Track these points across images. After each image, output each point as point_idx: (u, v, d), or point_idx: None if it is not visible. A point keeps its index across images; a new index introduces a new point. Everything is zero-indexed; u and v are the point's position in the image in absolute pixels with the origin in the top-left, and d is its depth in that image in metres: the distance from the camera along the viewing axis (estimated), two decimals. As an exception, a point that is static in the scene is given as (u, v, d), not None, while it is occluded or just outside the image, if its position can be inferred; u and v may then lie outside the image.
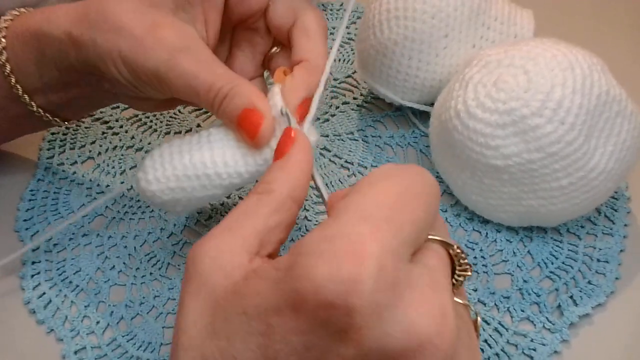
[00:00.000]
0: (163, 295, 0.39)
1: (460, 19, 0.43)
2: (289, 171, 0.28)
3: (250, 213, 0.27)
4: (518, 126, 0.36)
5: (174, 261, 0.41)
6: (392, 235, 0.22)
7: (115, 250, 0.41)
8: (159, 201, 0.35)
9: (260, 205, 0.27)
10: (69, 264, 0.41)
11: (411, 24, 0.43)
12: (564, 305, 0.37)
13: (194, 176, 0.34)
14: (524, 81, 0.37)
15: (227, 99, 0.33)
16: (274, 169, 0.29)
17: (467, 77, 0.39)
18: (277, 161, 0.29)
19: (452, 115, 0.39)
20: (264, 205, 0.27)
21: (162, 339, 0.37)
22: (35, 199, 0.44)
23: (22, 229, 0.43)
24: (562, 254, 0.40)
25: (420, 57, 0.44)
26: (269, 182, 0.28)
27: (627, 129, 0.38)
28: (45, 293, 0.39)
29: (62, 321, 0.38)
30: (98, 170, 0.46)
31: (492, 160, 0.38)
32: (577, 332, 0.37)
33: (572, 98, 0.36)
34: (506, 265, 0.39)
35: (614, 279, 0.38)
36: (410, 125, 0.48)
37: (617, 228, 0.41)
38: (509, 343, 0.36)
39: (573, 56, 0.37)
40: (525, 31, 0.46)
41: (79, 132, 0.49)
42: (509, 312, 0.37)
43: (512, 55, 0.38)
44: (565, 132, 0.36)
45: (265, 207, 0.27)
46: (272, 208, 0.27)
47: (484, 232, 0.41)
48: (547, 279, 0.39)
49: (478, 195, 0.40)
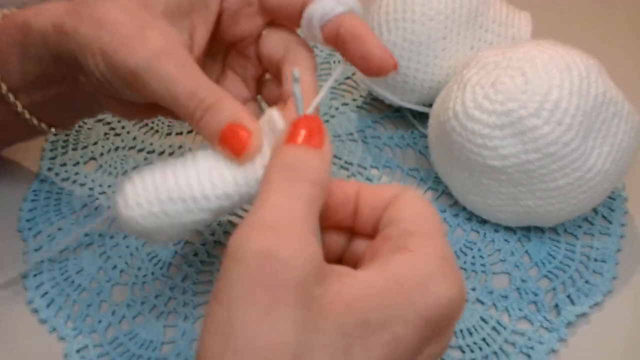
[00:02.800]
0: (164, 294, 0.39)
1: (458, 21, 0.44)
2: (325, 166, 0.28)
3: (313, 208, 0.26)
4: (516, 127, 0.37)
5: (175, 261, 0.41)
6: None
7: (117, 249, 0.42)
8: (139, 227, 0.32)
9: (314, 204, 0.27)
10: (71, 264, 0.41)
11: (410, 26, 0.43)
12: (561, 305, 0.38)
13: (179, 199, 0.31)
14: (521, 83, 0.37)
15: (210, 111, 0.31)
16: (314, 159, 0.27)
17: (466, 79, 0.39)
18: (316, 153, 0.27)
19: (451, 116, 0.39)
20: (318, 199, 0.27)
21: (163, 337, 0.37)
22: (38, 199, 0.45)
23: (25, 229, 0.43)
24: (560, 254, 0.40)
25: (419, 58, 0.44)
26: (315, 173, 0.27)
27: (623, 130, 0.38)
28: (47, 292, 0.40)
29: (64, 320, 0.38)
30: (100, 171, 0.46)
31: (490, 160, 0.38)
32: (574, 331, 0.37)
33: (569, 99, 0.36)
34: (504, 265, 0.40)
35: (611, 278, 0.39)
36: (409, 126, 0.49)
37: (614, 228, 0.41)
38: (507, 342, 0.36)
39: (570, 58, 0.37)
40: (523, 33, 0.46)
41: (81, 133, 0.49)
42: (507, 311, 0.38)
43: (510, 57, 0.38)
44: (563, 133, 0.36)
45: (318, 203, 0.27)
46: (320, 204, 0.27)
47: (482, 232, 0.41)
48: (544, 279, 0.39)
49: (476, 195, 0.40)
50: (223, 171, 0.31)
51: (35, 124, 0.40)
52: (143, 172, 0.32)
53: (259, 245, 0.24)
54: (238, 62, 0.38)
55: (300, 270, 0.23)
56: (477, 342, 0.36)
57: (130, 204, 0.31)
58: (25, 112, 0.39)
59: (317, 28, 0.34)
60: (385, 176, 0.45)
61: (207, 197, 0.31)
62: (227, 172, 0.31)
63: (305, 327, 0.23)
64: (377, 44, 0.33)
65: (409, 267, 0.26)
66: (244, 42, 0.37)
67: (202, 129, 0.32)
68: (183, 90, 0.32)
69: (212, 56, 0.38)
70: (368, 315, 0.24)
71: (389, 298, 0.25)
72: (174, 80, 0.32)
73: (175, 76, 0.32)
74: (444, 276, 0.26)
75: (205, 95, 0.32)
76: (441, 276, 0.26)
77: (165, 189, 0.31)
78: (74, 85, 0.37)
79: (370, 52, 0.33)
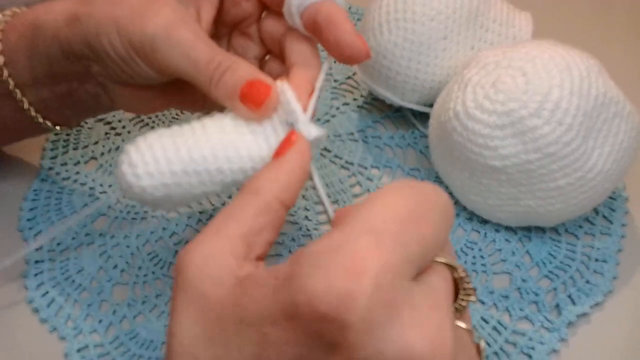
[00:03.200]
0: (165, 294, 0.39)
1: (459, 21, 0.44)
2: (279, 172, 0.28)
3: (235, 215, 0.26)
4: (516, 127, 0.37)
5: (175, 260, 0.41)
6: (396, 251, 0.22)
7: (118, 249, 0.42)
8: (150, 198, 0.31)
9: (245, 206, 0.27)
10: (72, 263, 0.41)
11: (411, 26, 0.43)
12: (562, 305, 0.38)
13: (193, 172, 0.31)
14: (522, 82, 0.37)
15: (229, 71, 0.32)
16: (264, 169, 0.29)
17: (466, 79, 0.39)
18: (270, 162, 0.29)
19: (451, 116, 0.39)
20: (249, 206, 0.27)
21: (164, 337, 0.37)
22: (39, 199, 0.45)
23: (26, 229, 0.43)
24: (561, 254, 0.40)
25: (420, 58, 0.44)
26: (256, 182, 0.28)
27: (624, 130, 0.38)
28: (48, 292, 0.40)
29: (64, 320, 0.38)
30: (101, 171, 0.46)
31: (491, 160, 0.38)
32: (575, 331, 0.37)
33: (569, 99, 0.36)
34: (505, 265, 0.40)
35: (611, 278, 0.39)
36: (409, 126, 0.49)
37: (614, 228, 0.41)
38: (508, 342, 0.36)
39: (571, 58, 0.38)
40: (524, 33, 0.46)
41: (82, 132, 0.49)
42: (508, 311, 0.38)
43: (511, 57, 0.38)
44: (563, 133, 0.36)
45: (251, 209, 0.27)
46: (257, 209, 0.27)
47: (482, 232, 0.41)
48: (545, 279, 0.39)
49: (477, 195, 0.40)
50: (238, 145, 0.31)
51: (41, 122, 0.40)
52: (149, 139, 0.32)
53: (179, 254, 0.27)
54: (241, 42, 0.39)
55: (193, 271, 0.25)
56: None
57: (140, 173, 0.31)
58: (32, 109, 0.39)
59: (296, 15, 0.34)
60: (385, 176, 0.46)
61: (222, 171, 0.31)
62: (242, 145, 0.31)
63: (197, 324, 0.24)
64: (350, 31, 0.33)
65: (291, 261, 0.23)
66: (246, 22, 0.38)
67: (221, 89, 0.32)
68: (202, 55, 0.33)
69: (217, 38, 0.39)
70: (242, 314, 0.24)
71: (265, 297, 0.23)
72: (192, 45, 0.33)
73: (193, 41, 0.33)
74: (324, 267, 0.21)
75: (222, 59, 0.33)
76: (318, 268, 0.21)
77: (178, 161, 0.31)
78: (84, 81, 0.37)
79: (342, 39, 0.32)
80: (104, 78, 0.37)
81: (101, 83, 0.37)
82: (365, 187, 0.45)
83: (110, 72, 0.36)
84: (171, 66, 0.33)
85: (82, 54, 0.36)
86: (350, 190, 0.45)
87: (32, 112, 0.39)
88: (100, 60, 0.35)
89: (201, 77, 0.33)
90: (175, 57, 0.33)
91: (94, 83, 0.38)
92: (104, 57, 0.35)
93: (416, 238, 0.23)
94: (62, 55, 0.36)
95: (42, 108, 0.39)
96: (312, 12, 0.33)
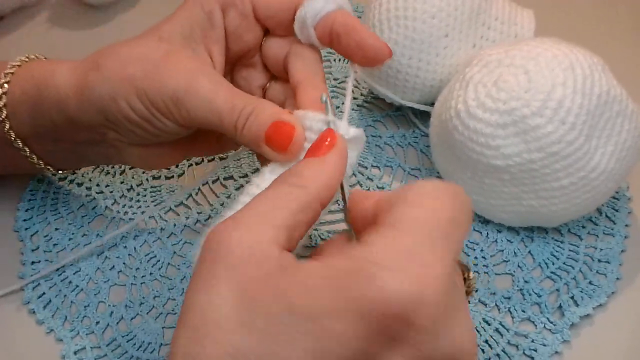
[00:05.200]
0: (163, 295, 0.39)
1: (460, 19, 0.43)
2: (325, 171, 0.28)
3: (282, 205, 0.26)
4: (518, 126, 0.36)
5: (173, 261, 0.41)
6: (449, 257, 0.25)
7: (115, 250, 0.41)
8: None
9: (292, 199, 0.26)
10: (69, 264, 0.41)
11: (411, 24, 0.43)
12: (565, 306, 0.37)
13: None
14: (524, 81, 0.37)
15: (252, 116, 0.32)
16: (311, 165, 0.28)
17: (468, 77, 0.39)
18: (315, 158, 0.29)
19: (453, 115, 0.39)
20: (296, 200, 0.27)
21: (162, 339, 0.37)
22: (35, 199, 0.44)
23: (22, 229, 0.43)
24: (563, 254, 0.40)
25: (421, 56, 0.44)
26: (304, 177, 0.27)
27: (627, 129, 0.38)
28: (45, 293, 0.39)
29: (61, 321, 0.38)
30: (97, 171, 0.46)
31: (493, 160, 0.37)
32: (578, 332, 0.36)
33: (572, 98, 0.36)
34: (507, 266, 0.39)
35: (615, 279, 0.38)
36: (410, 125, 0.48)
37: (618, 228, 0.41)
38: (510, 344, 0.36)
39: (574, 56, 0.37)
40: (526, 31, 0.46)
41: (78, 132, 0.49)
42: (510, 313, 0.37)
43: (513, 55, 0.38)
44: (566, 132, 0.36)
45: (297, 203, 0.26)
46: (301, 205, 0.27)
47: (484, 232, 0.41)
48: (548, 280, 0.39)
49: (479, 195, 0.40)
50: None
51: (42, 167, 0.40)
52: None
53: (215, 232, 0.25)
54: (244, 74, 0.39)
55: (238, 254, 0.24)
56: (479, 344, 0.36)
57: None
58: (34, 157, 0.39)
59: (310, 28, 0.34)
60: (386, 175, 0.45)
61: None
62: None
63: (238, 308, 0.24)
64: (371, 34, 0.34)
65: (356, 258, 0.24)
66: (249, 53, 0.38)
67: (246, 136, 0.32)
68: (224, 104, 0.32)
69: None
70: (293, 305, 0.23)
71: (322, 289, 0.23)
72: (214, 95, 0.33)
73: (215, 91, 0.33)
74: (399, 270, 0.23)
75: (244, 104, 0.32)
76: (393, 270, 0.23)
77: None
78: (95, 144, 0.37)
79: (364, 41, 0.34)
80: (120, 142, 0.36)
81: (115, 146, 0.37)
82: (365, 186, 0.44)
83: (129, 135, 0.35)
84: (195, 119, 0.33)
85: (95, 123, 0.35)
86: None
87: (35, 159, 0.39)
88: (119, 125, 0.35)
89: (226, 126, 0.33)
90: (198, 108, 0.33)
91: (107, 146, 0.37)
92: (122, 122, 0.34)
93: (457, 242, 0.26)
94: (69, 124, 0.36)
95: (44, 156, 0.39)
96: (328, 22, 0.34)
